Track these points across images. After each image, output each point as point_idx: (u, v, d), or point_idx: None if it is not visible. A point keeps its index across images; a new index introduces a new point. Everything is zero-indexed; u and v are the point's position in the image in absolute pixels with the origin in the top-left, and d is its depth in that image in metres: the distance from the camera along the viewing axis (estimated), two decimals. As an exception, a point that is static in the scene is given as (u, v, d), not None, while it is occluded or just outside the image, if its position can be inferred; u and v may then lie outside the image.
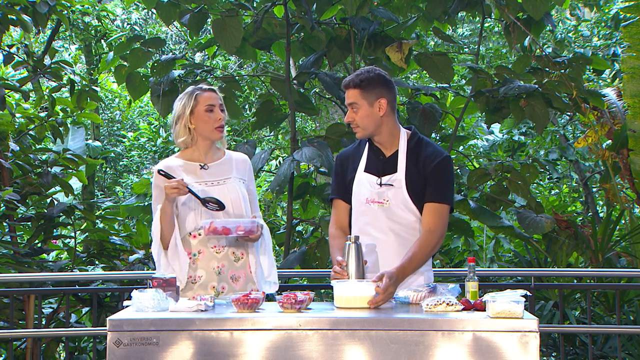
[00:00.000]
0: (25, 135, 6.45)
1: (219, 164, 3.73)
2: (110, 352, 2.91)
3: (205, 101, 3.65)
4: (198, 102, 3.65)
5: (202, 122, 3.65)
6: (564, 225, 6.89)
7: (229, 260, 3.64)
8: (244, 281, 3.66)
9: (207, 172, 3.69)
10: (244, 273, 3.67)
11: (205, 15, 6.52)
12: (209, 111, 3.64)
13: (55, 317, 5.83)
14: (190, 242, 3.64)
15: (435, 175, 3.52)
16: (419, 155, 3.55)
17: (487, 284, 5.32)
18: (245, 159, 3.83)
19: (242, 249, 3.67)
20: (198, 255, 3.62)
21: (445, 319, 2.91)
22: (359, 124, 3.54)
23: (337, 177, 3.75)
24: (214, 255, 3.63)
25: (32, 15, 6.24)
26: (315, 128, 11.96)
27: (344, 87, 3.58)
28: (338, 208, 3.71)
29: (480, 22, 7.53)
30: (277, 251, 9.21)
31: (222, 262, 3.63)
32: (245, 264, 3.68)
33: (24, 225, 6.41)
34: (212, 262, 3.62)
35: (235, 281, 3.64)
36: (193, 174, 3.66)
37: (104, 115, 14.03)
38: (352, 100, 3.53)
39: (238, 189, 3.68)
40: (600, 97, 6.89)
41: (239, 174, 3.75)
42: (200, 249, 3.63)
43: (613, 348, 5.91)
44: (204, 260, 3.62)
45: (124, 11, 12.75)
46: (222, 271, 3.61)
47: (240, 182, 3.73)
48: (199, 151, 3.71)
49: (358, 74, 3.55)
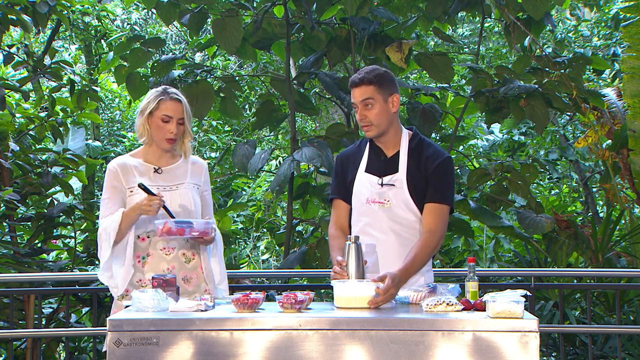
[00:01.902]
0: (25, 135, 6.45)
1: (173, 167, 3.68)
2: (110, 352, 2.91)
3: (164, 110, 3.58)
4: (159, 107, 3.59)
5: (156, 128, 3.60)
6: (564, 225, 6.89)
7: (180, 261, 3.60)
8: (197, 282, 3.62)
9: (160, 176, 3.64)
10: (196, 274, 3.62)
11: (205, 15, 6.52)
12: (164, 121, 3.58)
13: (55, 317, 5.83)
14: (139, 245, 3.60)
15: (436, 175, 3.52)
16: (421, 156, 3.54)
17: (487, 284, 5.31)
18: (201, 164, 3.77)
19: (192, 250, 3.63)
20: (147, 258, 3.58)
21: (445, 319, 2.91)
22: (373, 121, 3.50)
23: (337, 177, 3.73)
24: (163, 257, 3.58)
25: (32, 15, 6.24)
26: (315, 128, 11.96)
27: (354, 84, 3.52)
28: (338, 208, 3.71)
29: (480, 22, 7.53)
30: (277, 251, 9.22)
31: (172, 263, 3.58)
32: (197, 264, 3.63)
33: (24, 225, 6.41)
34: (162, 264, 3.58)
35: (187, 282, 3.60)
36: (147, 177, 3.61)
37: (104, 115, 14.03)
38: (368, 95, 3.48)
39: (190, 196, 3.63)
40: (600, 97, 6.90)
41: (194, 179, 3.70)
42: (149, 252, 3.59)
43: (613, 348, 5.91)
44: (153, 262, 3.57)
45: (124, 11, 12.74)
46: (172, 273, 3.55)
47: (194, 187, 3.68)
48: (152, 153, 3.67)
49: (369, 71, 3.51)
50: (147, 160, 3.67)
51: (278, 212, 10.39)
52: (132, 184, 3.59)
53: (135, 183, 3.56)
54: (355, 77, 3.54)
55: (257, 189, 11.25)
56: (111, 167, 3.62)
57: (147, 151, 3.69)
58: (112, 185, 3.60)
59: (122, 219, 3.50)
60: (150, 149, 3.68)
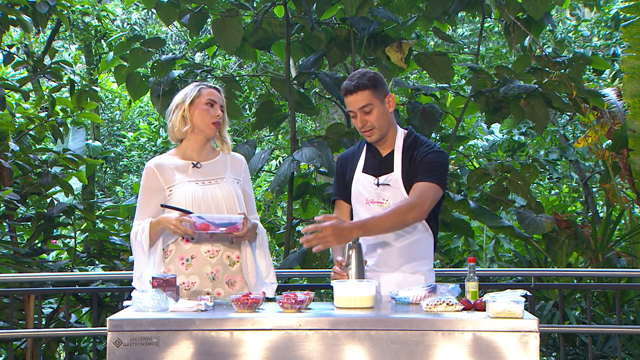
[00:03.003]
0: (25, 135, 6.45)
1: (212, 162, 3.64)
2: (110, 352, 2.91)
3: (207, 95, 3.59)
4: (201, 94, 3.59)
5: (200, 115, 3.57)
6: (564, 225, 6.89)
7: (224, 264, 3.55)
8: (240, 286, 3.57)
9: (199, 170, 3.59)
10: (240, 277, 3.57)
11: (205, 15, 6.52)
12: (208, 104, 3.58)
13: (55, 317, 5.83)
14: (183, 247, 3.54)
15: (424, 162, 3.46)
16: (414, 152, 3.52)
17: (487, 284, 5.32)
18: (241, 159, 3.73)
19: (237, 252, 3.58)
20: (191, 261, 3.53)
21: (445, 319, 2.91)
22: (374, 124, 3.48)
23: (338, 178, 3.73)
24: (207, 260, 3.53)
25: (32, 15, 6.24)
26: (315, 128, 11.97)
27: (349, 92, 3.47)
28: (340, 209, 3.70)
29: (480, 22, 7.53)
30: (277, 251, 9.21)
31: (216, 267, 3.53)
32: (240, 268, 3.58)
33: (24, 225, 6.41)
34: (206, 268, 3.52)
35: (232, 286, 3.55)
36: (185, 173, 3.56)
37: (104, 115, 14.04)
38: (366, 102, 3.45)
39: (232, 189, 3.58)
40: (600, 97, 6.89)
41: (234, 174, 3.65)
42: (193, 254, 3.53)
43: (613, 348, 5.91)
44: (197, 265, 3.52)
45: (124, 11, 12.76)
46: (216, 277, 3.52)
47: (235, 182, 3.63)
48: (192, 148, 3.62)
49: (360, 76, 3.48)
50: (186, 156, 3.61)
51: (278, 212, 10.39)
52: (171, 183, 3.53)
53: (175, 181, 3.52)
54: (348, 84, 3.48)
55: (257, 189, 11.26)
56: (148, 168, 3.57)
57: (185, 147, 3.63)
58: (147, 187, 3.55)
59: (151, 227, 3.46)
60: (189, 143, 3.63)
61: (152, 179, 3.54)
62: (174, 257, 3.54)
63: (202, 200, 3.51)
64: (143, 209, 3.55)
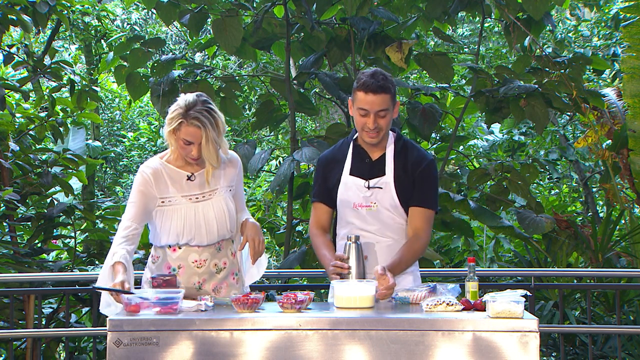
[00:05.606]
0: (25, 135, 6.45)
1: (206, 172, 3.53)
2: (110, 352, 2.91)
3: (184, 135, 3.41)
4: (180, 129, 3.41)
5: (179, 146, 3.47)
6: (564, 225, 6.89)
7: (210, 273, 3.52)
8: (226, 290, 3.55)
9: (193, 184, 3.51)
10: (226, 283, 3.56)
11: (205, 15, 6.51)
12: (185, 144, 3.43)
13: (55, 317, 5.83)
14: (170, 255, 3.51)
15: (422, 179, 3.52)
16: (406, 159, 3.54)
17: (487, 284, 5.31)
18: (235, 162, 3.64)
19: (224, 259, 3.56)
20: (178, 271, 3.49)
21: (445, 319, 2.91)
22: (384, 129, 3.48)
23: (318, 180, 3.69)
24: (194, 270, 3.50)
25: (32, 15, 6.24)
26: (315, 128, 11.96)
27: (371, 90, 3.39)
28: (319, 210, 3.67)
29: (480, 22, 7.52)
30: (277, 251, 9.21)
31: (203, 276, 3.51)
32: (227, 273, 3.57)
33: (24, 225, 6.41)
34: (193, 278, 3.50)
35: (218, 292, 3.53)
36: (178, 186, 3.50)
37: (104, 115, 14.03)
38: (386, 106, 3.42)
39: (223, 204, 3.52)
40: (600, 97, 6.89)
41: (228, 181, 3.58)
42: (180, 264, 3.50)
43: (613, 348, 5.91)
44: (184, 275, 3.49)
45: (124, 11, 12.75)
46: (202, 286, 3.50)
47: (228, 190, 3.57)
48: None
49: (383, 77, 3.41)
50: (178, 164, 3.54)
51: (278, 212, 10.38)
52: (165, 195, 3.48)
53: (169, 193, 3.47)
54: (372, 82, 3.40)
55: (257, 189, 11.26)
56: (143, 174, 3.50)
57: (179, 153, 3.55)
58: (139, 190, 3.48)
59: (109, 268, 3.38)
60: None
61: (147, 185, 3.48)
62: (161, 265, 3.52)
63: (194, 222, 3.48)
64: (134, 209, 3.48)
